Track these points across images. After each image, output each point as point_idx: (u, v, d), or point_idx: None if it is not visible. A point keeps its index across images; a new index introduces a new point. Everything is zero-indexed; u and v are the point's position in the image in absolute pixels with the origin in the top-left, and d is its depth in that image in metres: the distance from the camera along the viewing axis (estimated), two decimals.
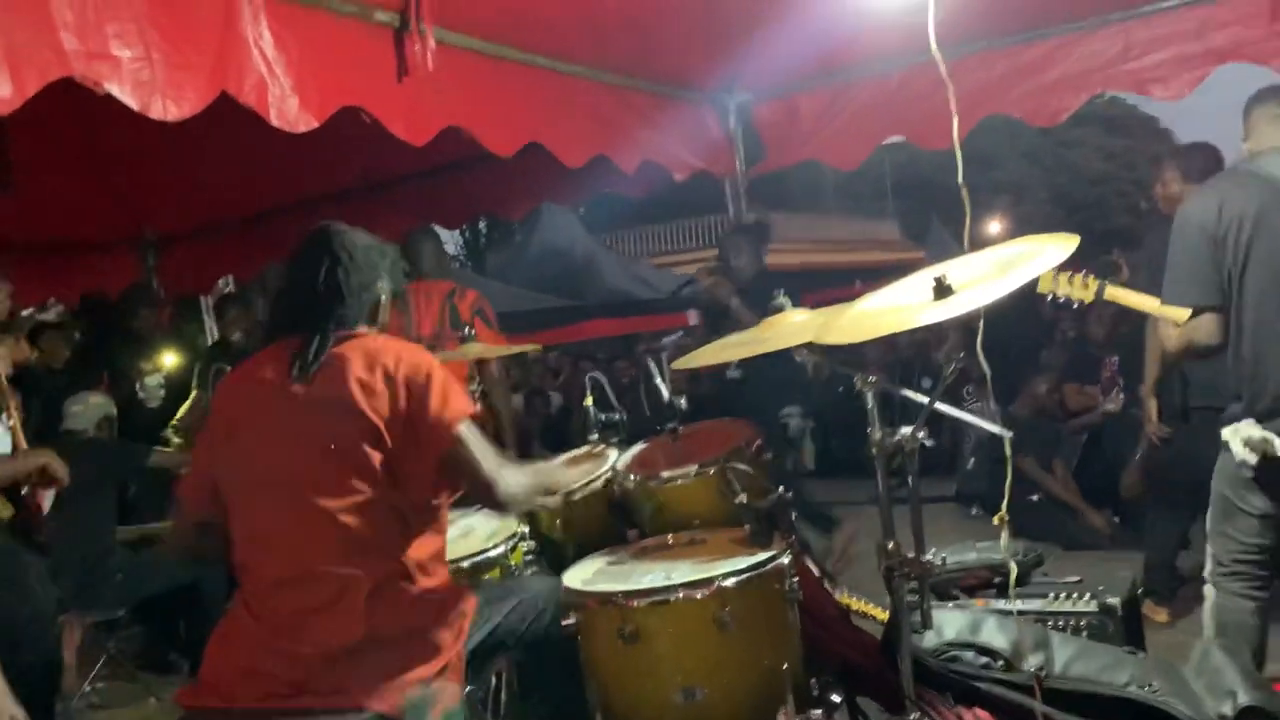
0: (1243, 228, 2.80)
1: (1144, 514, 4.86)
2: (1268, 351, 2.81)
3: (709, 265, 4.97)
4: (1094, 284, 3.23)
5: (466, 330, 3.73)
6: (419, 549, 2.09)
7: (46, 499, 3.50)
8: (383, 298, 2.25)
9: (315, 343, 2.10)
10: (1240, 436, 2.83)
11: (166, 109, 2.51)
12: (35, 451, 3.27)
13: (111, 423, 4.86)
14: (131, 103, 2.43)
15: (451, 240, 26.96)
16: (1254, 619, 2.96)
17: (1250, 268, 2.81)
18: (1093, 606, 3.05)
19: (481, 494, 2.13)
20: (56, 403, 4.98)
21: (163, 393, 5.36)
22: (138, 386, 5.36)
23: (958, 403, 6.04)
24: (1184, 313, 2.90)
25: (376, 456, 2.02)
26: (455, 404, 2.09)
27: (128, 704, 4.30)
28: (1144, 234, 3.03)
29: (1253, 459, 2.81)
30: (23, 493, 3.20)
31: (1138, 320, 4.85)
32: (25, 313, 5.63)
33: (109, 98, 2.38)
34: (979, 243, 2.36)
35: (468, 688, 2.53)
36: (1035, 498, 6.11)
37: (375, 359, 2.07)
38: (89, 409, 4.81)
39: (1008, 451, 2.41)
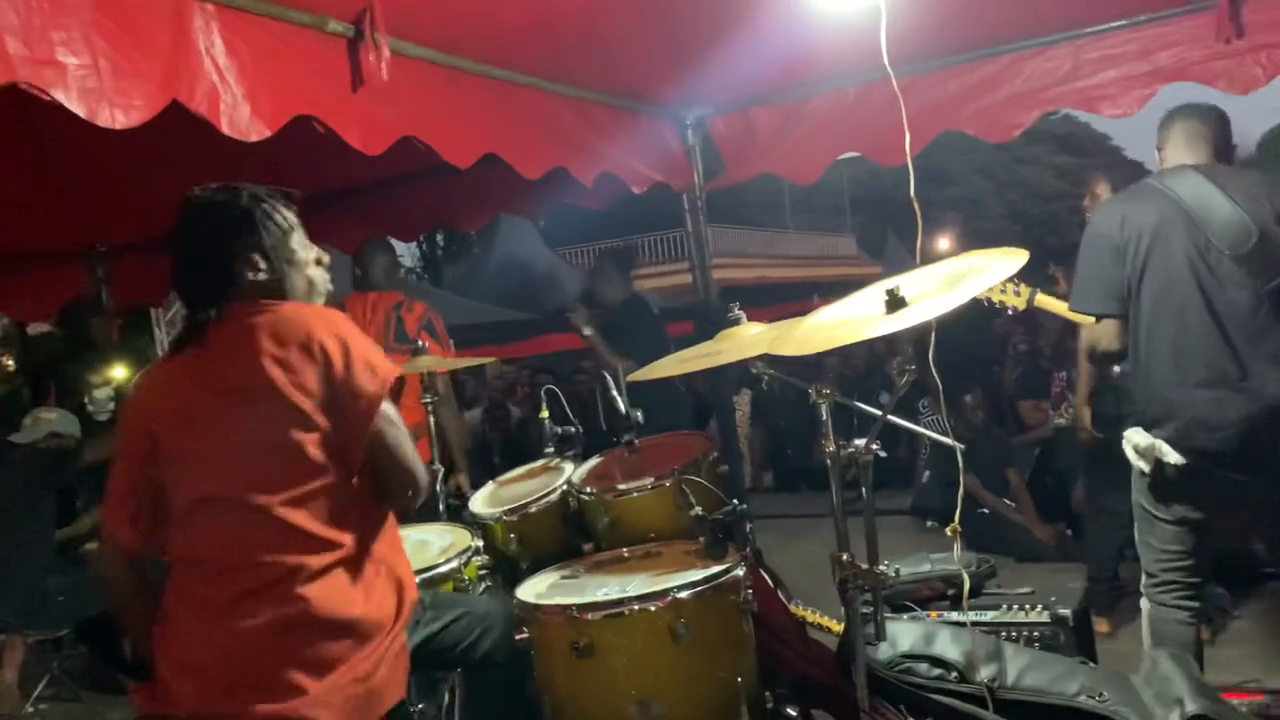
0: (1141, 240, 2.93)
1: None
2: (1156, 360, 2.92)
3: (578, 296, 5.21)
4: (1026, 291, 3.34)
5: (418, 344, 3.69)
6: (361, 535, 2.02)
7: None
8: (251, 255, 2.10)
9: (196, 316, 2.04)
10: (1130, 444, 2.94)
11: (115, 117, 2.45)
12: None
13: (62, 440, 4.76)
14: (79, 110, 2.37)
15: (409, 253, 26.83)
16: (1187, 628, 3.02)
17: (1146, 279, 2.92)
18: (1045, 617, 3.09)
19: (401, 478, 2.05)
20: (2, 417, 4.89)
21: (112, 406, 5.25)
22: (86, 400, 5.25)
23: (912, 415, 6.10)
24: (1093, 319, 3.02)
25: (308, 439, 1.95)
26: (380, 373, 2.01)
27: None
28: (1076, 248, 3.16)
29: (1145, 466, 2.91)
30: None
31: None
32: None
33: (56, 107, 2.34)
34: (934, 257, 2.39)
35: (419, 705, 2.51)
36: (986, 510, 6.18)
37: (286, 332, 1.99)
38: (37, 423, 4.72)
39: (959, 463, 2.43)
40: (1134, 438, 2.93)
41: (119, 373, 5.23)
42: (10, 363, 5.53)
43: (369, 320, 4.29)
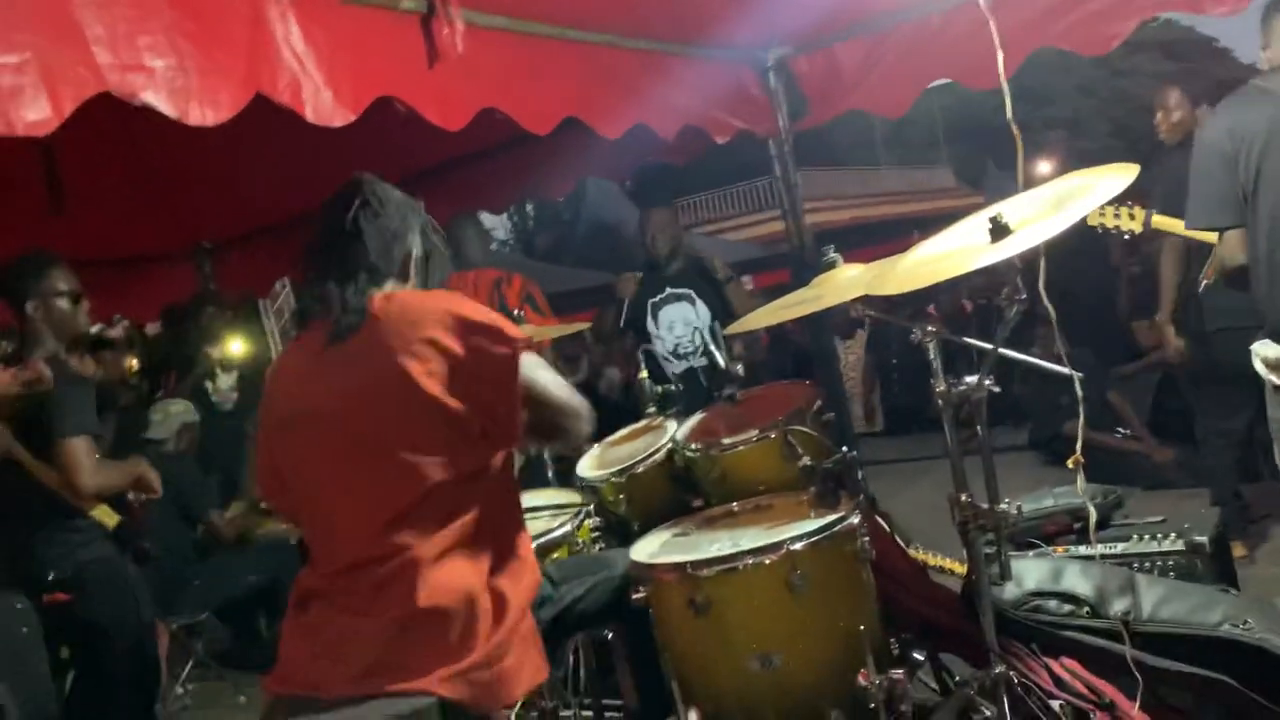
0: (1253, 147, 2.75)
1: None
2: None
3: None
4: (1140, 214, 3.16)
5: (515, 313, 3.73)
6: (486, 522, 2.03)
7: None
8: (414, 252, 2.17)
9: (348, 293, 2.02)
10: (1259, 357, 2.78)
11: (204, 115, 2.50)
12: (135, 461, 3.37)
13: (192, 431, 4.95)
14: (169, 111, 2.43)
15: (501, 225, 27.13)
16: None
17: (1261, 187, 2.75)
18: (1179, 546, 2.96)
19: (566, 421, 2.08)
20: (130, 417, 5.10)
21: (236, 395, 5.40)
22: (210, 387, 5.41)
23: (1026, 348, 5.91)
24: (1215, 235, 2.86)
25: (439, 429, 1.96)
26: (508, 331, 2.02)
27: (217, 703, 4.40)
28: (1152, 162, 2.97)
29: (1277, 379, 2.74)
30: (129, 498, 3.28)
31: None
32: (94, 329, 5.76)
33: (149, 110, 2.40)
34: (1035, 181, 2.29)
35: None
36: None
37: (416, 319, 1.99)
38: (169, 418, 4.91)
39: (1079, 393, 2.34)
40: (1263, 350, 2.77)
41: (236, 348, 5.38)
42: (135, 363, 5.76)
43: (474, 299, 4.35)
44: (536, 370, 2.03)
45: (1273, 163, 2.74)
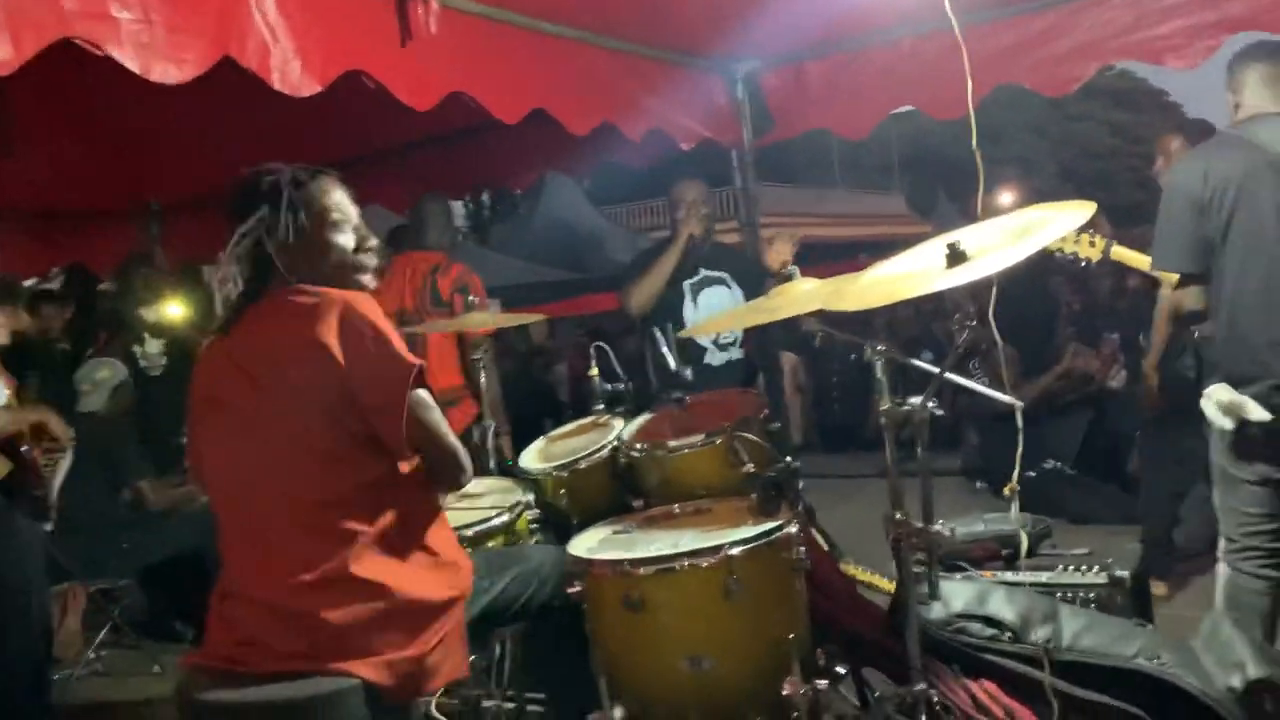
0: (1226, 194, 2.79)
1: None
2: (1244, 319, 2.82)
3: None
4: (1101, 243, 3.21)
5: (472, 300, 3.69)
6: (413, 523, 2.07)
7: (60, 472, 3.49)
8: (285, 235, 2.05)
9: (239, 298, 2.06)
10: (1213, 401, 2.83)
11: (167, 72, 2.48)
12: (35, 408, 3.26)
13: (127, 389, 4.83)
14: (132, 65, 2.40)
15: (456, 212, 26.85)
16: (1264, 599, 2.94)
17: (1231, 236, 2.80)
18: (1101, 579, 3.03)
19: (446, 463, 2.10)
20: (58, 374, 4.96)
21: (164, 361, 5.26)
22: (138, 351, 5.26)
23: (964, 375, 6.01)
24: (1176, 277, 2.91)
25: (339, 432, 1.96)
26: (406, 358, 1.99)
27: (131, 671, 4.30)
28: (1152, 209, 3.01)
29: (1228, 424, 2.81)
30: (23, 450, 3.17)
31: (1134, 295, 4.75)
32: (28, 283, 5.59)
33: (111, 64, 2.35)
34: (993, 213, 2.34)
35: (471, 657, 2.53)
36: (1033, 473, 6.08)
37: (321, 310, 1.97)
38: (99, 388, 4.77)
39: (1019, 422, 2.39)
40: (1218, 394, 2.82)
41: (173, 311, 5.21)
42: (68, 315, 5.59)
43: (409, 281, 4.28)
44: (427, 409, 2.04)
45: (1244, 214, 2.78)
